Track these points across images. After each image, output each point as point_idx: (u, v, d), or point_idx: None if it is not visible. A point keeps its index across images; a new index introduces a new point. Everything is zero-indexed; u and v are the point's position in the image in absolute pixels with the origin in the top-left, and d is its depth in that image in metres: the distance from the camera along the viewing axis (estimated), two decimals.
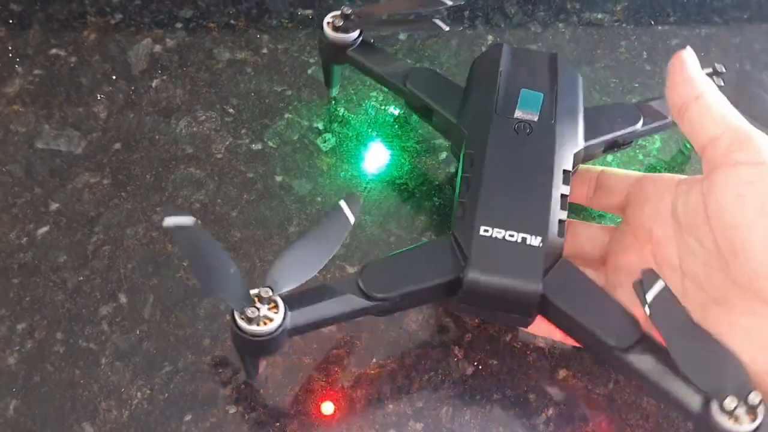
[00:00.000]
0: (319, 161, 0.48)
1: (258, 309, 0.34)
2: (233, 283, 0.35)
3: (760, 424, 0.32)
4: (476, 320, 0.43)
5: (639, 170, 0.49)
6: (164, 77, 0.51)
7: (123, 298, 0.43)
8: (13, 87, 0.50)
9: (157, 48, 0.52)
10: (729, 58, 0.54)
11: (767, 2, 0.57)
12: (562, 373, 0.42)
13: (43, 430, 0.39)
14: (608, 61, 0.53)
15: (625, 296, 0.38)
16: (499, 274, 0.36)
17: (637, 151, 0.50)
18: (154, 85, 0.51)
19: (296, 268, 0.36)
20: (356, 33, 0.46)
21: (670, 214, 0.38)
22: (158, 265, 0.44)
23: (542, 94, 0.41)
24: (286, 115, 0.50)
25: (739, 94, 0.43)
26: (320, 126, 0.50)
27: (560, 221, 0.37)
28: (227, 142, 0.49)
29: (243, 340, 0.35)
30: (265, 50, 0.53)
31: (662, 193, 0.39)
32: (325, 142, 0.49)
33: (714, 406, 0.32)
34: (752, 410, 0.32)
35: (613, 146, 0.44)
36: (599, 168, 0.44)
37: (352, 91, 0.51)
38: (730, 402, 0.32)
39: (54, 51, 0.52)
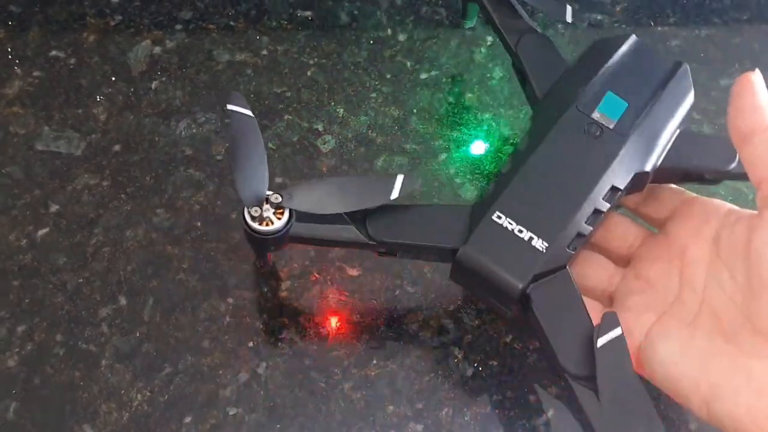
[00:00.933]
0: (318, 163, 0.48)
1: (261, 210, 0.36)
2: (255, 182, 0.36)
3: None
4: (476, 322, 0.43)
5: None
6: (164, 79, 0.51)
7: (123, 300, 0.43)
8: (13, 89, 0.50)
9: (157, 49, 0.52)
10: (728, 59, 0.54)
11: (767, 3, 0.57)
12: None
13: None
14: None
15: (635, 304, 0.38)
16: (491, 260, 0.36)
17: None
18: (153, 86, 0.51)
19: (317, 197, 0.37)
20: None
21: (711, 238, 0.38)
22: (158, 267, 0.44)
23: (627, 104, 0.39)
24: (286, 117, 0.50)
25: None
26: (320, 127, 0.49)
27: (579, 234, 0.37)
28: (227, 144, 0.49)
29: (245, 232, 0.36)
30: (264, 52, 0.53)
31: (709, 215, 0.38)
32: (324, 143, 0.49)
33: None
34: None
35: (695, 178, 0.41)
36: None
37: (352, 93, 0.51)
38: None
39: (53, 53, 0.52)
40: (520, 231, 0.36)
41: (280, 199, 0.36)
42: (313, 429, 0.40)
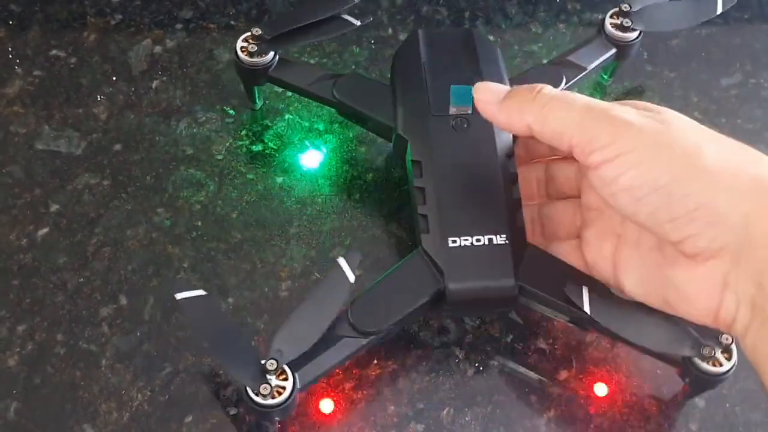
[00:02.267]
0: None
1: (269, 383, 0.35)
2: (246, 359, 0.36)
3: (737, 360, 0.37)
4: (477, 321, 0.43)
5: None
6: (164, 78, 0.51)
7: (123, 300, 0.43)
8: (13, 88, 0.50)
9: (157, 49, 0.52)
10: (729, 59, 0.54)
11: (767, 3, 0.57)
12: (563, 374, 0.42)
13: (44, 431, 0.39)
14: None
15: (592, 236, 0.40)
16: (476, 280, 0.38)
17: None
18: (154, 86, 0.51)
19: (299, 335, 0.36)
20: (272, 54, 0.46)
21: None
22: (159, 267, 0.44)
23: (470, 87, 0.41)
24: (287, 116, 0.50)
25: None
26: (321, 127, 0.49)
27: (517, 207, 0.39)
28: (227, 143, 0.49)
29: (259, 413, 0.36)
30: None
31: (599, 132, 0.39)
32: (326, 143, 0.49)
33: (695, 359, 0.37)
34: (727, 350, 0.37)
35: None
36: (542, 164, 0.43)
37: None
38: (708, 351, 0.36)
39: (54, 52, 0.52)
40: (478, 240, 0.38)
41: (275, 364, 0.36)
42: (313, 429, 0.40)
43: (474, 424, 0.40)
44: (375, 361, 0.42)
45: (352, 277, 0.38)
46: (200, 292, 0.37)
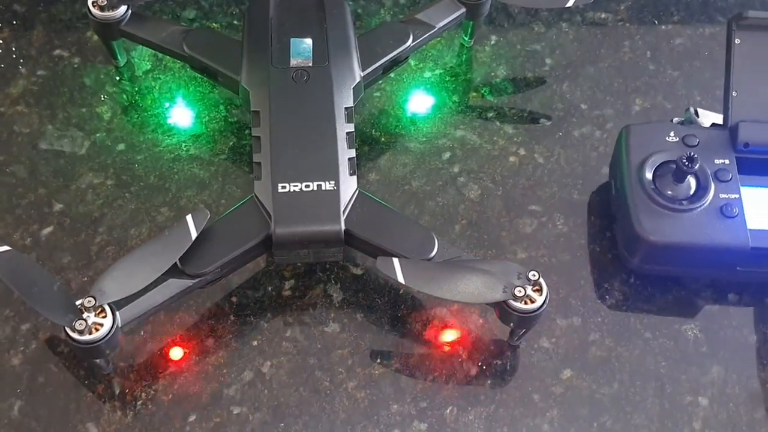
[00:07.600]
0: None
1: (85, 320, 0.36)
2: (57, 300, 0.36)
3: (548, 293, 0.38)
4: (480, 321, 0.43)
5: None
6: (168, 77, 0.51)
7: None
8: (17, 88, 0.50)
9: None
10: None
11: None
12: (566, 373, 0.42)
13: (47, 430, 0.39)
14: (612, 61, 0.53)
15: None
16: (303, 224, 0.39)
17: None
18: (157, 85, 0.51)
19: (126, 279, 0.37)
20: (124, 8, 0.46)
21: None
22: None
23: (311, 40, 0.43)
24: None
25: None
26: None
27: (349, 159, 0.41)
28: (231, 143, 0.49)
29: (80, 349, 0.36)
30: None
31: None
32: None
33: (509, 302, 0.37)
34: (537, 286, 0.38)
35: (391, 66, 0.47)
36: None
37: None
38: (518, 291, 0.37)
39: (57, 51, 0.52)
40: (307, 186, 0.40)
41: (93, 301, 0.36)
42: (317, 428, 0.40)
43: (477, 422, 0.40)
44: (378, 360, 0.42)
45: (194, 234, 0.38)
46: (5, 248, 0.37)
